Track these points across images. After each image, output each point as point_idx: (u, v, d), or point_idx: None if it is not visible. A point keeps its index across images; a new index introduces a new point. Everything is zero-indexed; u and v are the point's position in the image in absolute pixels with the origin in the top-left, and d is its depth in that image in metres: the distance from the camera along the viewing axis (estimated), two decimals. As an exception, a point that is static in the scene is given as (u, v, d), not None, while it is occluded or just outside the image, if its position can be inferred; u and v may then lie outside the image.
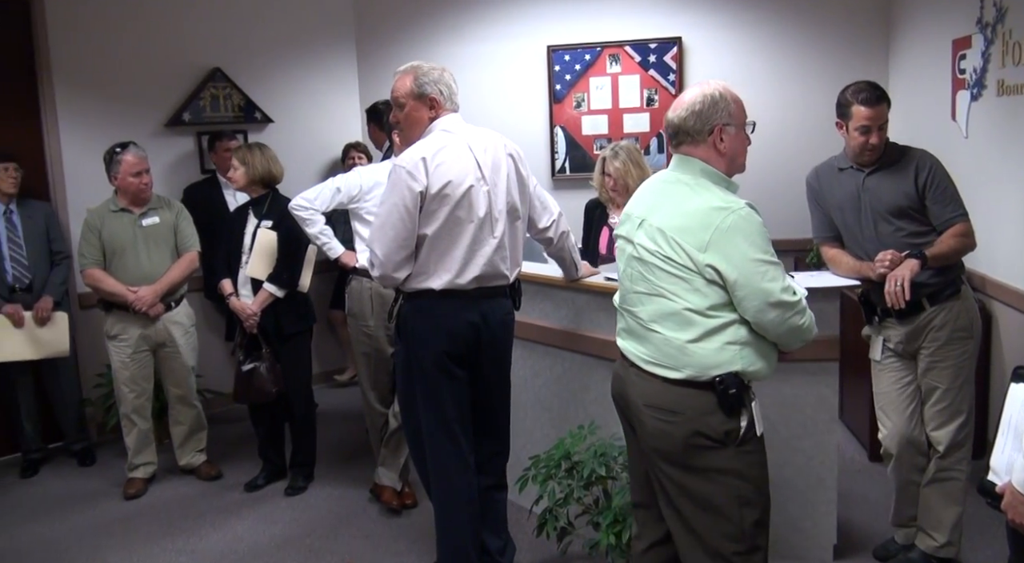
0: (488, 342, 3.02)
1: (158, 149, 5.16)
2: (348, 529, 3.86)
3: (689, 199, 2.27)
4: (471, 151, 2.95)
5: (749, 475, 2.27)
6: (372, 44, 6.13)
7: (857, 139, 3.02)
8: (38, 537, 3.95)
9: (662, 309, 2.28)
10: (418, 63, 3.08)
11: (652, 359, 2.31)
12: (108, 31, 5.08)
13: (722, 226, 2.18)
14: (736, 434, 2.24)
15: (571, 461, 3.08)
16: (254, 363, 4.12)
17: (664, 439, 2.28)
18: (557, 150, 5.73)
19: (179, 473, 4.55)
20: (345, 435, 5.05)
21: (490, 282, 2.98)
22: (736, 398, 2.21)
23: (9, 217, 4.59)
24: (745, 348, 2.24)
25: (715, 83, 2.36)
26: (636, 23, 5.55)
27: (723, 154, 2.32)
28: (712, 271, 2.19)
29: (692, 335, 2.23)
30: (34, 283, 4.58)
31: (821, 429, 3.17)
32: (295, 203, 3.83)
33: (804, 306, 2.25)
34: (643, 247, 2.32)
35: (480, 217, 2.92)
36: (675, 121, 2.35)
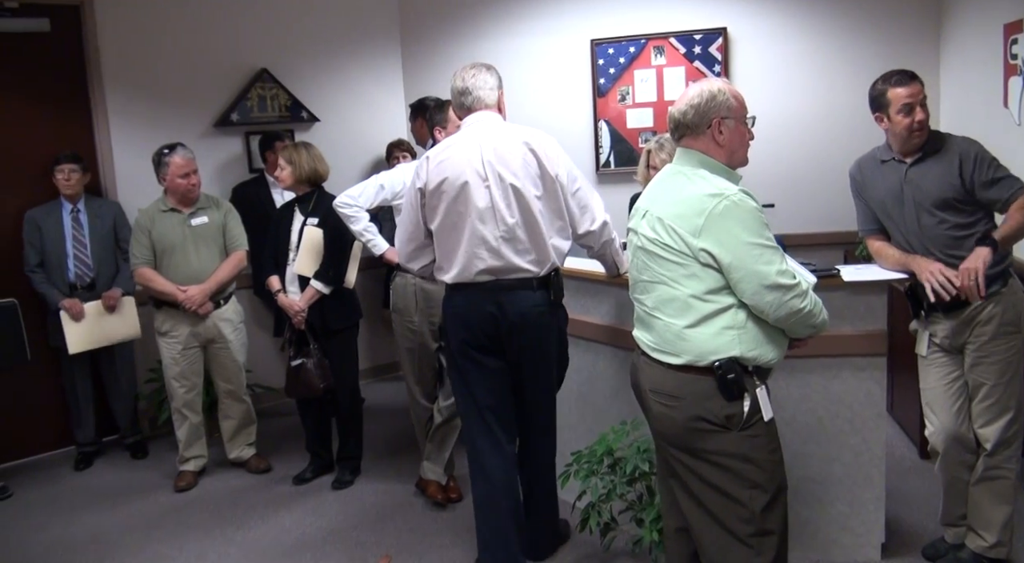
0: (508, 333, 3.10)
1: (207, 149, 5.28)
2: (393, 522, 3.90)
3: (685, 188, 2.35)
4: (479, 148, 3.04)
5: (756, 459, 2.30)
6: (416, 42, 6.16)
7: (902, 121, 2.95)
8: (91, 528, 4.05)
9: (663, 296, 2.36)
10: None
11: (656, 345, 2.40)
12: (157, 34, 5.19)
13: (715, 211, 2.24)
14: (739, 419, 2.29)
15: (613, 457, 3.07)
16: (302, 359, 4.18)
17: (667, 423, 2.37)
18: (602, 144, 5.70)
19: (229, 466, 4.64)
20: (391, 429, 5.09)
21: (507, 274, 3.07)
22: (735, 383, 2.26)
23: (76, 216, 4.72)
24: (744, 333, 2.28)
25: (715, 80, 2.46)
26: (680, 14, 5.49)
27: (722, 146, 2.39)
28: (707, 255, 2.25)
29: (689, 320, 2.30)
30: (97, 281, 4.70)
31: (869, 425, 3.12)
32: (339, 200, 3.88)
33: (805, 290, 2.28)
34: (645, 237, 2.40)
35: (480, 210, 3.01)
36: (676, 115, 2.44)
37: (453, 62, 5.91)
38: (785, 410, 3.13)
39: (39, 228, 4.67)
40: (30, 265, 4.66)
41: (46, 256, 4.67)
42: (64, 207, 4.72)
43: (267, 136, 5.40)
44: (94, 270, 4.71)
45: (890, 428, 4.46)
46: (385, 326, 6.05)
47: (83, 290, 4.70)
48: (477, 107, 3.14)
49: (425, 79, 6.07)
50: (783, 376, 3.09)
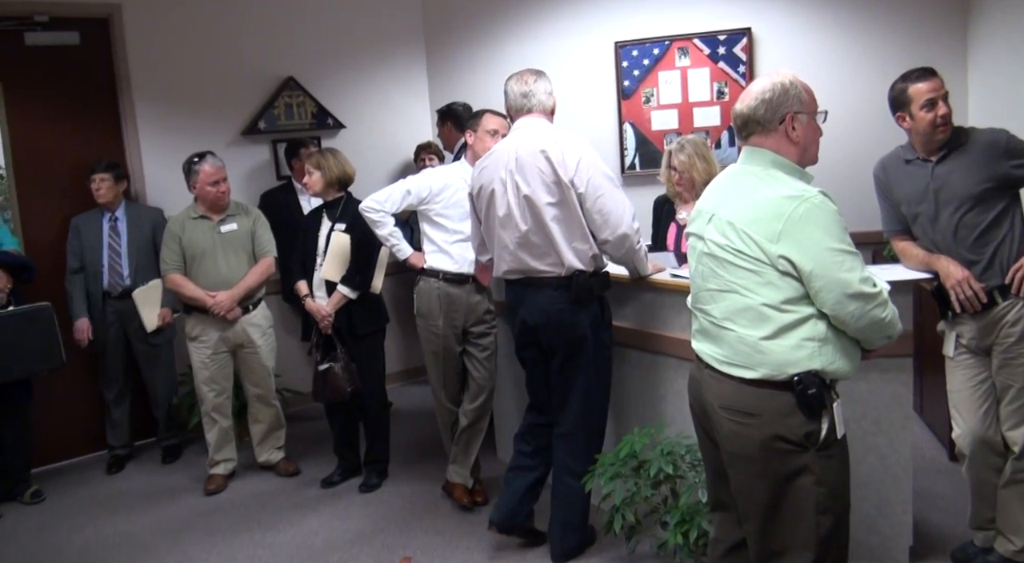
0: (533, 330, 3.28)
1: (235, 157, 5.34)
2: (420, 525, 3.92)
3: (758, 189, 2.20)
4: (509, 155, 3.19)
5: (828, 481, 2.17)
6: (441, 47, 6.20)
7: (925, 117, 2.93)
8: (122, 530, 4.12)
9: (735, 305, 2.20)
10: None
11: (726, 359, 2.23)
12: (184, 44, 5.27)
13: (794, 215, 2.10)
14: (817, 437, 2.14)
15: (638, 459, 3.07)
16: (329, 363, 4.21)
17: (741, 442, 2.21)
18: (626, 146, 5.70)
19: (258, 469, 4.70)
20: (418, 433, 5.12)
21: (530, 274, 3.23)
22: (816, 398, 2.12)
23: (114, 225, 4.81)
24: (824, 345, 2.14)
25: (784, 72, 2.31)
26: (704, 15, 5.47)
27: (795, 143, 2.25)
28: (786, 262, 2.11)
29: (766, 331, 2.14)
30: (131, 290, 4.76)
31: (896, 426, 3.09)
32: (365, 205, 3.92)
33: (886, 299, 2.16)
34: (713, 242, 2.26)
35: (500, 217, 3.26)
36: (744, 111, 2.29)
37: (478, 67, 6.01)
38: (810, 412, 3.11)
39: (80, 235, 4.78)
40: (69, 270, 4.78)
41: (84, 263, 4.78)
42: (104, 215, 4.81)
43: (292, 144, 5.46)
44: (128, 279, 4.78)
45: (919, 430, 4.42)
46: (416, 329, 6.09)
47: (115, 300, 4.78)
48: (536, 110, 3.27)
49: (451, 84, 6.10)
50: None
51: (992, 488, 3.06)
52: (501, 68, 5.80)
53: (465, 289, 3.90)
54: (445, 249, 3.92)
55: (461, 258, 3.87)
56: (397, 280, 5.87)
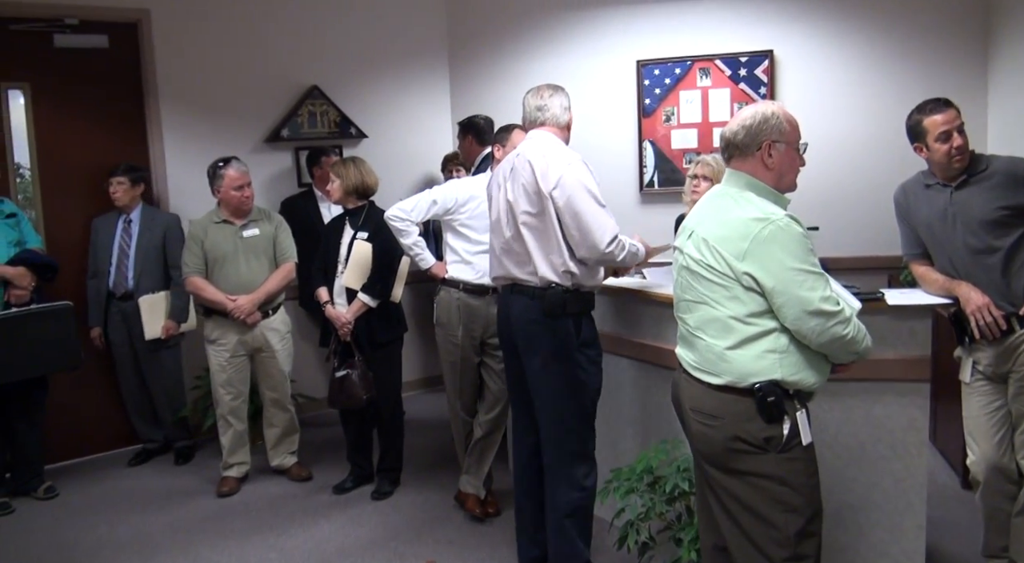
0: (515, 335, 3.26)
1: (258, 163, 5.40)
2: (432, 534, 3.94)
3: (731, 210, 2.35)
4: (510, 165, 3.24)
5: (793, 482, 2.30)
6: (464, 61, 6.25)
7: (941, 149, 2.96)
8: (136, 529, 4.15)
9: (706, 316, 2.37)
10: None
11: (697, 365, 2.41)
12: (211, 51, 5.34)
13: (759, 236, 2.25)
14: (777, 441, 2.28)
15: (653, 475, 3.08)
16: (346, 370, 4.24)
17: (706, 442, 2.38)
18: (646, 164, 5.72)
19: (271, 474, 4.72)
20: (432, 442, 5.14)
21: (514, 281, 3.24)
22: (775, 406, 2.26)
23: (127, 227, 4.87)
24: (786, 357, 2.28)
25: (771, 103, 2.46)
26: (727, 36, 5.52)
27: (770, 169, 2.39)
28: (750, 279, 2.26)
29: (731, 342, 2.30)
30: (136, 293, 4.82)
31: (911, 452, 3.09)
32: (391, 213, 3.96)
33: (848, 317, 2.27)
34: (690, 257, 2.42)
35: (492, 222, 3.36)
36: (727, 135, 2.44)
37: (500, 81, 6.05)
38: (826, 433, 3.13)
39: (97, 236, 4.86)
40: (88, 274, 4.88)
41: (97, 263, 4.84)
42: (119, 217, 4.88)
43: (314, 152, 5.52)
44: (132, 281, 4.84)
45: (932, 456, 4.42)
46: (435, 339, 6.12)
47: (119, 300, 4.85)
48: (548, 124, 3.27)
49: (472, 97, 6.15)
50: (825, 399, 3.08)
51: (1006, 516, 3.07)
52: (523, 83, 5.80)
53: (484, 300, 3.93)
54: (467, 260, 3.96)
55: (482, 269, 3.89)
56: (417, 289, 5.91)
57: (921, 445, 3.11)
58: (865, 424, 3.11)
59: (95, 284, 4.88)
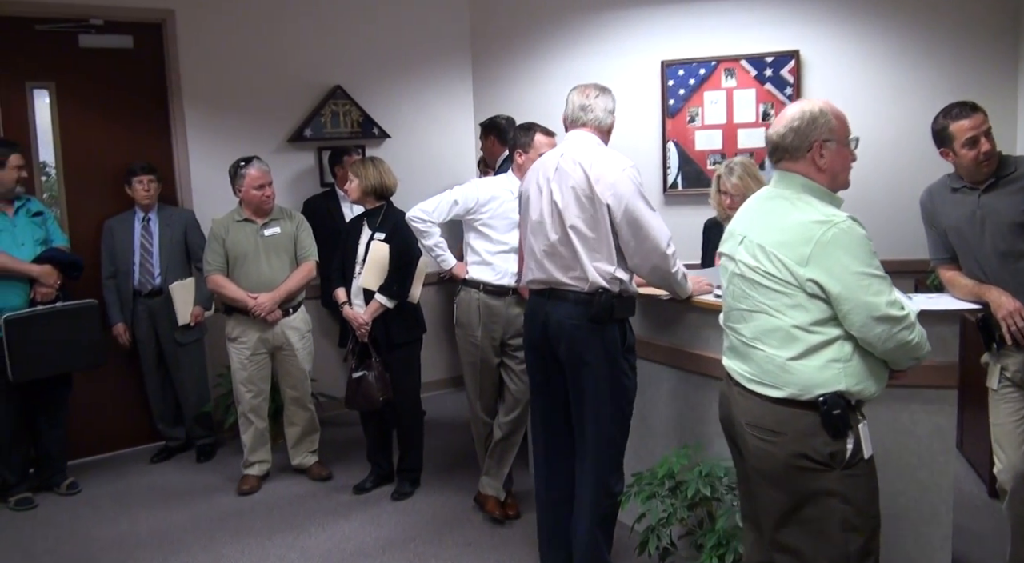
0: (553, 341, 3.16)
1: (280, 163, 5.41)
2: (451, 536, 3.92)
3: (789, 213, 2.25)
4: (551, 164, 3.15)
5: (855, 499, 2.20)
6: (487, 61, 6.24)
7: (968, 154, 2.91)
8: (157, 525, 4.17)
9: (764, 326, 2.26)
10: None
11: (754, 377, 2.29)
12: (235, 51, 5.36)
13: (823, 239, 2.15)
14: (842, 456, 2.18)
15: (675, 480, 3.05)
16: (364, 371, 4.23)
17: (766, 460, 2.25)
18: (669, 165, 5.68)
19: (291, 472, 4.73)
20: (453, 443, 5.13)
21: (553, 285, 3.14)
22: (841, 419, 2.16)
23: (147, 225, 4.90)
24: (850, 366, 2.18)
25: (817, 100, 2.34)
26: (752, 37, 5.47)
27: (823, 170, 2.29)
28: (814, 285, 2.16)
29: (794, 352, 2.19)
30: (162, 289, 4.87)
31: (937, 460, 3.04)
32: (412, 214, 3.95)
33: (913, 321, 2.19)
34: (744, 264, 2.32)
35: (532, 222, 3.20)
36: (774, 138, 2.34)
37: (523, 82, 6.04)
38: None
39: (113, 235, 4.88)
40: (106, 273, 4.90)
41: (116, 263, 4.87)
42: (137, 216, 4.91)
43: (336, 151, 5.52)
44: (158, 278, 4.88)
45: (959, 464, 4.35)
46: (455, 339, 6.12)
47: (145, 298, 4.88)
48: (590, 125, 3.19)
49: (495, 98, 6.13)
50: (850, 405, 3.04)
51: (1033, 526, 3.01)
52: (547, 84, 5.87)
53: (505, 301, 3.91)
54: (488, 260, 3.93)
55: (503, 270, 3.87)
56: (439, 289, 5.90)
57: (948, 453, 3.06)
58: (891, 432, 3.06)
59: (114, 283, 4.90)
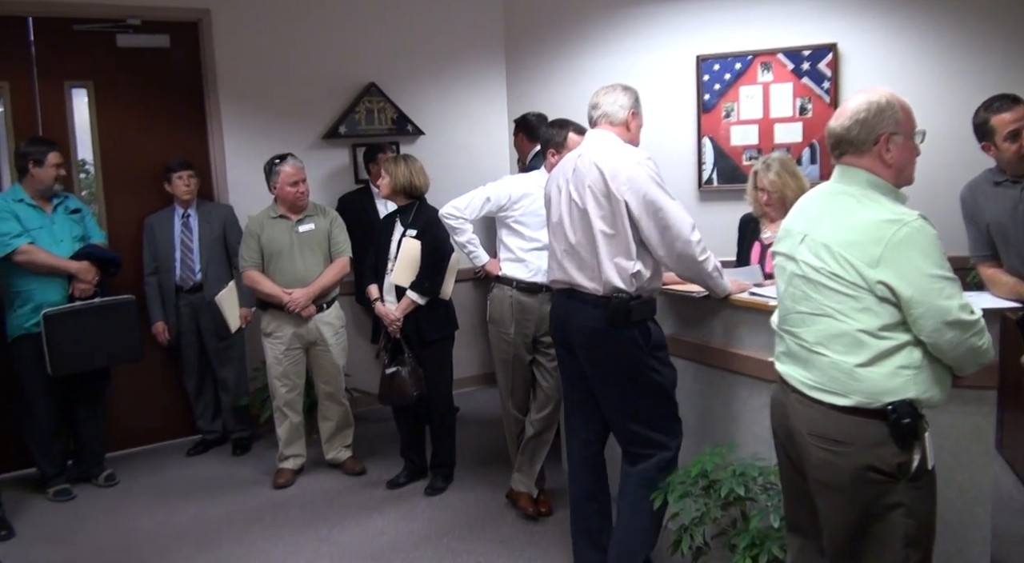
0: (575, 343, 3.17)
1: (315, 160, 5.45)
2: (484, 532, 3.93)
3: (856, 212, 2.14)
4: (571, 165, 3.15)
5: (918, 513, 2.10)
6: (521, 58, 6.22)
7: (1010, 148, 2.86)
8: (193, 517, 4.23)
9: (829, 330, 2.14)
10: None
11: (817, 384, 2.17)
12: (270, 49, 5.40)
13: (894, 239, 2.04)
14: (908, 468, 2.08)
15: (708, 479, 3.02)
16: (396, 367, 4.26)
17: (830, 471, 2.15)
18: (705, 161, 5.63)
19: (326, 467, 4.76)
20: (486, 439, 5.13)
21: (573, 286, 3.14)
22: (910, 428, 2.05)
23: (186, 221, 4.96)
24: (920, 373, 2.08)
25: (881, 90, 2.22)
26: (789, 30, 5.39)
27: (889, 165, 2.18)
28: (884, 288, 2.05)
29: (862, 358, 2.08)
30: (204, 285, 4.93)
31: (976, 462, 2.97)
32: (445, 211, 3.97)
33: (983, 326, 2.10)
34: (807, 264, 2.20)
35: (553, 224, 3.23)
36: (838, 130, 2.22)
37: (557, 78, 6.01)
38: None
39: (153, 232, 4.94)
40: (147, 270, 4.97)
41: (158, 260, 4.94)
42: (176, 212, 4.98)
43: (371, 148, 5.54)
44: (199, 273, 4.94)
45: (998, 466, 4.26)
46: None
47: (187, 293, 4.94)
48: (601, 123, 3.19)
49: (529, 95, 6.12)
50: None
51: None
52: (581, 80, 5.84)
53: (538, 298, 3.90)
54: (521, 257, 3.93)
55: (536, 267, 3.87)
56: (474, 286, 5.91)
57: (986, 455, 3.00)
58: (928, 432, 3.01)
59: (155, 280, 4.98)
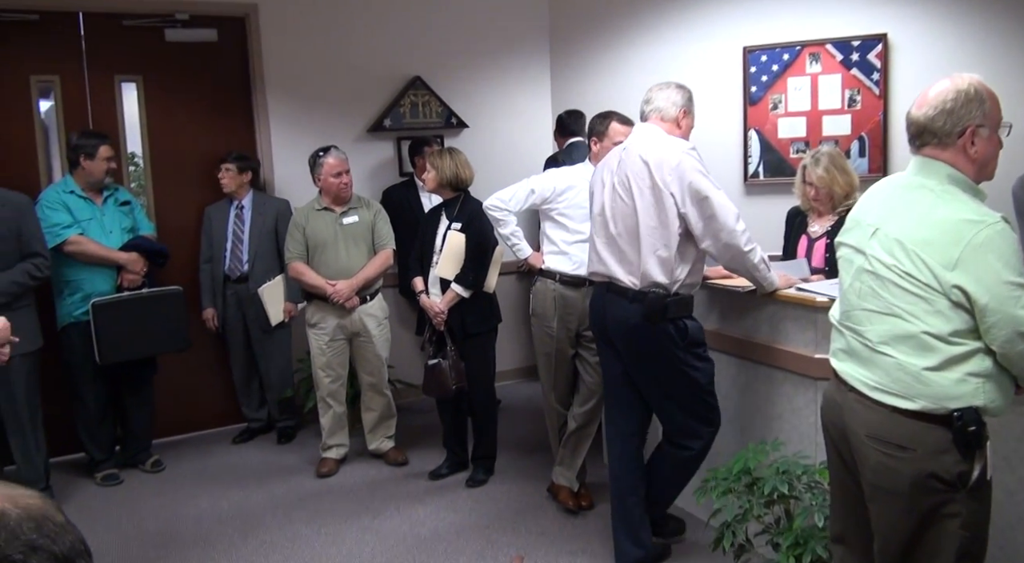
0: (613, 336, 3.22)
1: (360, 153, 5.49)
2: (525, 524, 3.94)
3: (935, 208, 2.02)
4: (616, 158, 3.20)
5: (974, 524, 2.04)
6: (565, 51, 6.19)
7: None
8: (238, 504, 4.30)
9: (895, 330, 2.05)
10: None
11: (879, 385, 2.09)
12: (317, 43, 5.45)
13: (974, 242, 1.93)
14: (968, 477, 2.00)
15: (751, 476, 2.99)
16: (439, 359, 4.28)
17: (889, 476, 2.08)
18: (751, 154, 5.55)
19: (368, 457, 4.81)
20: (528, 432, 5.14)
21: (611, 279, 3.17)
22: (975, 436, 1.97)
23: (239, 213, 5.04)
24: (988, 381, 1.99)
25: (968, 77, 2.09)
26: (838, 20, 5.27)
27: (973, 160, 2.06)
28: (959, 293, 1.94)
29: (932, 362, 2.00)
30: (250, 276, 4.99)
31: (1027, 463, 2.92)
32: (490, 203, 3.98)
33: None
34: (877, 260, 2.09)
35: (595, 215, 3.28)
36: (921, 119, 2.08)
37: (602, 71, 5.98)
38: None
39: (211, 222, 5.04)
40: (203, 258, 5.08)
41: (212, 249, 5.03)
42: (231, 204, 5.04)
43: (416, 141, 5.56)
44: (247, 265, 5.00)
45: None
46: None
47: (234, 283, 5.02)
48: (652, 117, 3.22)
49: (573, 88, 6.09)
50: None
51: None
52: (625, 72, 5.80)
53: (581, 292, 3.88)
54: (564, 250, 3.92)
55: (580, 260, 3.84)
56: (518, 279, 5.91)
57: (1038, 456, 2.94)
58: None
59: (209, 268, 5.07)
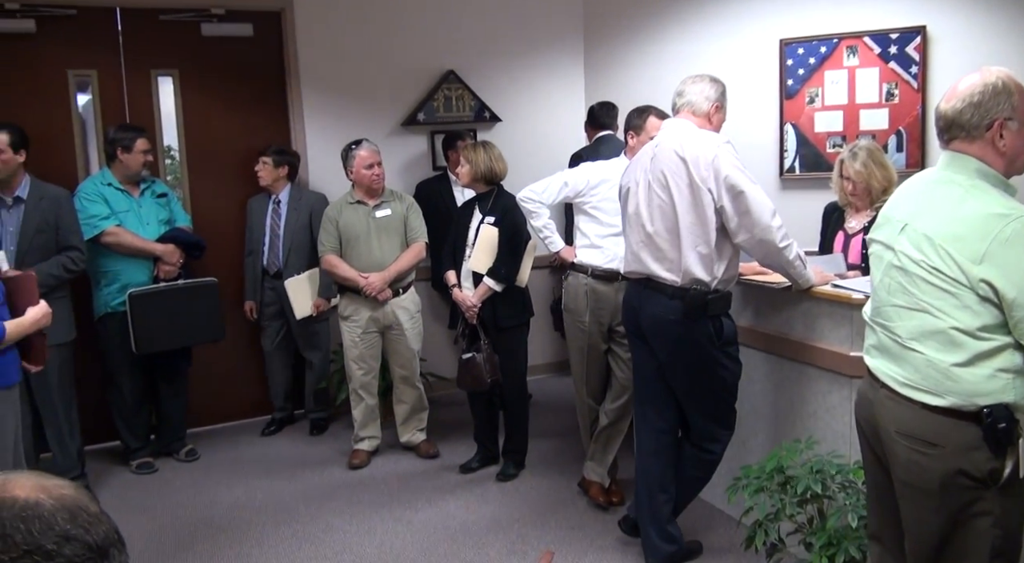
0: (648, 333, 3.21)
1: (394, 147, 5.51)
2: (555, 518, 3.94)
3: (963, 203, 2.01)
4: (649, 155, 3.17)
5: (1007, 523, 2.02)
6: (599, 45, 6.16)
7: None
8: (271, 494, 4.35)
9: (924, 326, 2.04)
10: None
11: (909, 382, 2.08)
12: (351, 38, 5.46)
13: (1001, 236, 1.92)
14: (999, 474, 1.98)
15: (784, 475, 2.96)
16: (472, 352, 4.29)
17: (919, 473, 2.06)
18: (787, 148, 5.49)
19: (400, 449, 4.83)
20: (558, 426, 5.13)
21: (649, 276, 3.15)
22: (1006, 433, 1.95)
23: (276, 207, 5.07)
24: (1019, 377, 1.97)
25: (997, 70, 2.08)
26: (876, 12, 5.19)
27: (1002, 153, 2.04)
28: (987, 287, 1.93)
29: (960, 358, 1.98)
30: (284, 272, 5.02)
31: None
32: (523, 195, 3.98)
33: None
34: (906, 255, 2.09)
35: (630, 214, 3.24)
36: (948, 113, 2.08)
37: (636, 65, 5.95)
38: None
39: (252, 216, 5.11)
40: (247, 250, 5.16)
41: (252, 242, 5.09)
42: (270, 197, 5.09)
43: (450, 135, 5.57)
44: (282, 259, 5.04)
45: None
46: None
47: (271, 278, 5.07)
48: (683, 111, 3.20)
49: (607, 81, 6.05)
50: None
51: None
52: (660, 66, 5.76)
53: (614, 287, 3.86)
54: (597, 243, 3.90)
55: (612, 253, 3.82)
56: (551, 274, 5.91)
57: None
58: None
59: (251, 261, 5.13)
